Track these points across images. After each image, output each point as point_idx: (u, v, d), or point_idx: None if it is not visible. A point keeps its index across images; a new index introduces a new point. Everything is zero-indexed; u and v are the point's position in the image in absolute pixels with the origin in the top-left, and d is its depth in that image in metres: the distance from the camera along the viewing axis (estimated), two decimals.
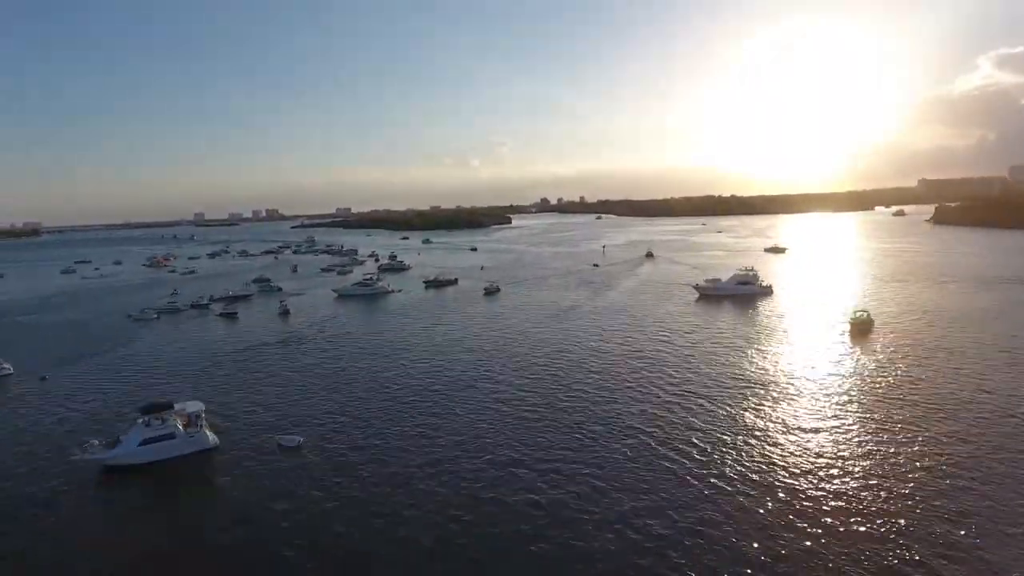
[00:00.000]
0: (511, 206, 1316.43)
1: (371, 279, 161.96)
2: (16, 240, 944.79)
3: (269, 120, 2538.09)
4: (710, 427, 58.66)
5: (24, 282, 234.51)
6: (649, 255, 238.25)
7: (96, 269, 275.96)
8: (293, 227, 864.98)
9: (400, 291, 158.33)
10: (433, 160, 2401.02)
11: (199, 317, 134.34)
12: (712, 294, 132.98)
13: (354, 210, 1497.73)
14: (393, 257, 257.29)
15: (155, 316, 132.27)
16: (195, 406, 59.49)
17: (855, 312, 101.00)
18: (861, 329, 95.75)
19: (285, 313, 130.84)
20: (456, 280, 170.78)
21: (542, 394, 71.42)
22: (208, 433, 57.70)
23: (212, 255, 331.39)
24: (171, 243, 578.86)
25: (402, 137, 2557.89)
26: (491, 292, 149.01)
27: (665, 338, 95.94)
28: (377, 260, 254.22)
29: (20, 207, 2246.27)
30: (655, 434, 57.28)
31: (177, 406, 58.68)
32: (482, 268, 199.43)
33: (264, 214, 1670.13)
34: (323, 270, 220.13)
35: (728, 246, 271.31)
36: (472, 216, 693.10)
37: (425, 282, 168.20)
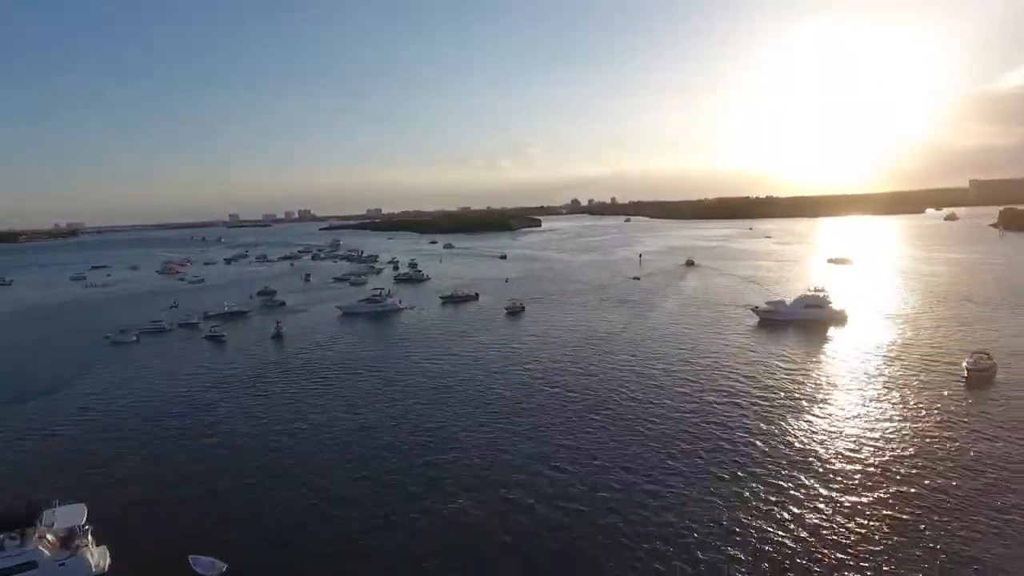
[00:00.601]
0: (541, 207, 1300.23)
1: (380, 294, 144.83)
2: (54, 241, 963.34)
3: (305, 122, 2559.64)
4: (801, 520, 39.01)
5: (27, 290, 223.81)
6: (690, 264, 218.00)
7: (108, 276, 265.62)
8: (321, 228, 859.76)
9: (412, 308, 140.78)
10: (463, 161, 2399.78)
11: (183, 340, 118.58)
12: (775, 319, 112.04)
13: (384, 211, 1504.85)
14: (413, 265, 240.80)
15: (134, 339, 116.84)
16: (73, 514, 41.86)
17: (972, 354, 79.24)
18: (981, 376, 74.27)
19: (278, 337, 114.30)
20: (476, 295, 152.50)
21: (572, 457, 53.04)
22: (90, 555, 40.07)
23: (229, 260, 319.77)
24: (197, 245, 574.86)
25: (432, 138, 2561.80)
26: (514, 311, 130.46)
27: (725, 382, 75.88)
28: (396, 268, 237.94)
29: (65, 209, 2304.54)
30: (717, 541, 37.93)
31: (47, 514, 41.27)
32: (507, 280, 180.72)
33: (296, 215, 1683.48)
34: (336, 280, 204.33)
35: (777, 254, 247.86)
36: (501, 219, 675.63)
37: (442, 298, 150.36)
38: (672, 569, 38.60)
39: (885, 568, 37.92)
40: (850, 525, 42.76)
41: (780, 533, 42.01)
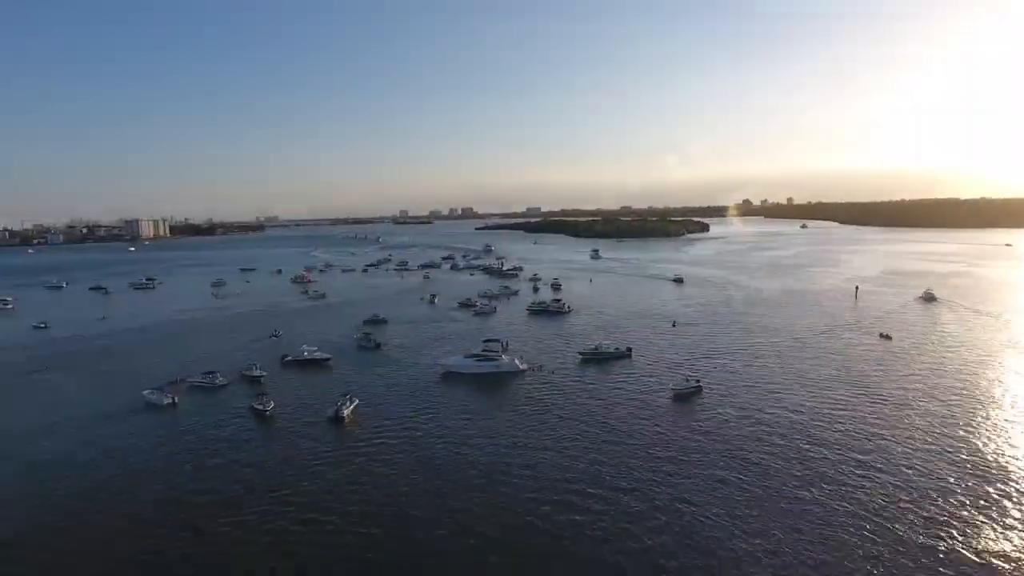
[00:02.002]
0: (708, 207, 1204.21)
1: (495, 350, 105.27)
2: (243, 235, 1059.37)
3: (472, 121, 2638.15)
4: None
5: (153, 297, 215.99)
6: (930, 298, 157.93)
7: (247, 282, 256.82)
8: (477, 228, 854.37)
9: (538, 370, 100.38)
10: (622, 159, 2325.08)
11: (226, 404, 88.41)
12: None
13: (543, 209, 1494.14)
14: (556, 287, 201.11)
15: (169, 400, 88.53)
16: None
17: None
18: None
19: (337, 419, 79.64)
20: (629, 352, 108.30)
21: None
22: None
23: (367, 268, 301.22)
24: (354, 245, 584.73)
25: (593, 136, 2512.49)
26: (685, 394, 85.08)
27: None
28: (536, 289, 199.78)
29: (262, 204, 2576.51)
30: None
31: None
32: (674, 324, 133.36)
33: (460, 212, 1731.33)
34: (462, 305, 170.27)
35: None
36: (663, 223, 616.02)
37: (582, 354, 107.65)
38: None
39: None
40: None
41: None
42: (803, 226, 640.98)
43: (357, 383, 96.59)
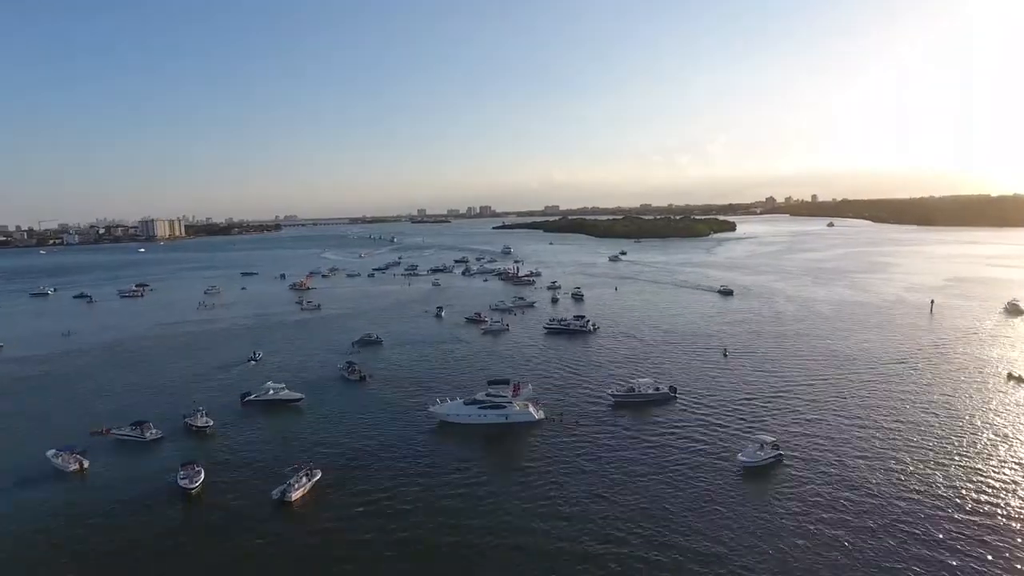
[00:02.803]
0: (729, 205, 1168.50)
1: (500, 389, 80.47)
2: (259, 234, 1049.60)
3: (492, 123, 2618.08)
4: None
5: (138, 308, 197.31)
6: (1015, 310, 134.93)
7: (243, 289, 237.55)
8: (494, 227, 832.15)
9: (558, 419, 78.21)
10: (642, 158, 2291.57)
11: (149, 470, 67.46)
12: None
13: (562, 207, 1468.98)
14: (578, 297, 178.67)
15: (76, 465, 67.89)
16: None
17: None
18: None
19: (283, 503, 58.47)
20: (674, 392, 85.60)
21: None
22: None
23: (374, 272, 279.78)
24: (367, 245, 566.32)
25: (612, 135, 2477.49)
26: (761, 465, 62.34)
27: None
28: (555, 300, 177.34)
29: (285, 204, 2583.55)
30: None
31: None
32: (725, 354, 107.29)
33: (478, 210, 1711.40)
34: (470, 320, 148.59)
35: None
36: (688, 222, 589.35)
37: (615, 396, 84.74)
38: None
39: None
40: None
41: None
42: (830, 224, 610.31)
43: (326, 438, 75.60)
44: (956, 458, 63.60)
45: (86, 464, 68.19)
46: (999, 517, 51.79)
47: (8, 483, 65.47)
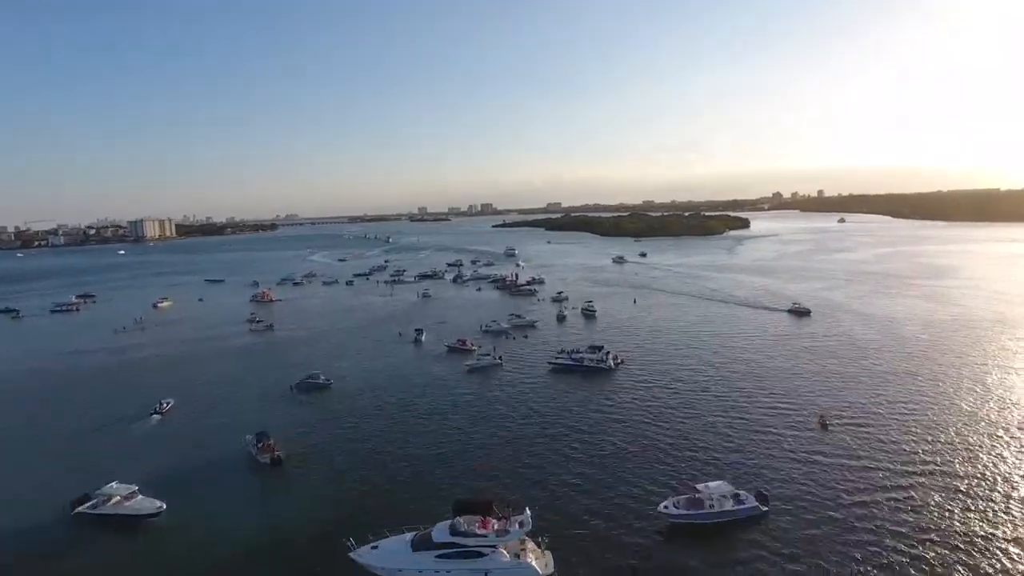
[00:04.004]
0: (734, 201, 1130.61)
1: (474, 522, 45.68)
2: (253, 234, 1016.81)
3: (494, 121, 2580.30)
4: None
5: (60, 329, 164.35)
6: None
7: (200, 300, 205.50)
8: (494, 226, 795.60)
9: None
10: (644, 156, 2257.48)
11: None
12: None
13: (564, 205, 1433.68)
14: (589, 313, 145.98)
15: None
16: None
17: None
18: None
19: None
20: (765, 503, 52.44)
21: None
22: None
23: (354, 278, 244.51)
24: (360, 245, 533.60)
25: (613, 132, 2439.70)
26: None
27: None
28: (562, 317, 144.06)
29: (286, 203, 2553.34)
30: None
31: None
32: (824, 425, 69.82)
33: (479, 208, 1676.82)
34: (452, 349, 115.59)
35: None
36: (699, 219, 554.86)
37: (673, 516, 50.53)
38: None
39: None
40: None
41: None
42: (841, 220, 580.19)
43: None
44: None
45: None
46: None
47: None
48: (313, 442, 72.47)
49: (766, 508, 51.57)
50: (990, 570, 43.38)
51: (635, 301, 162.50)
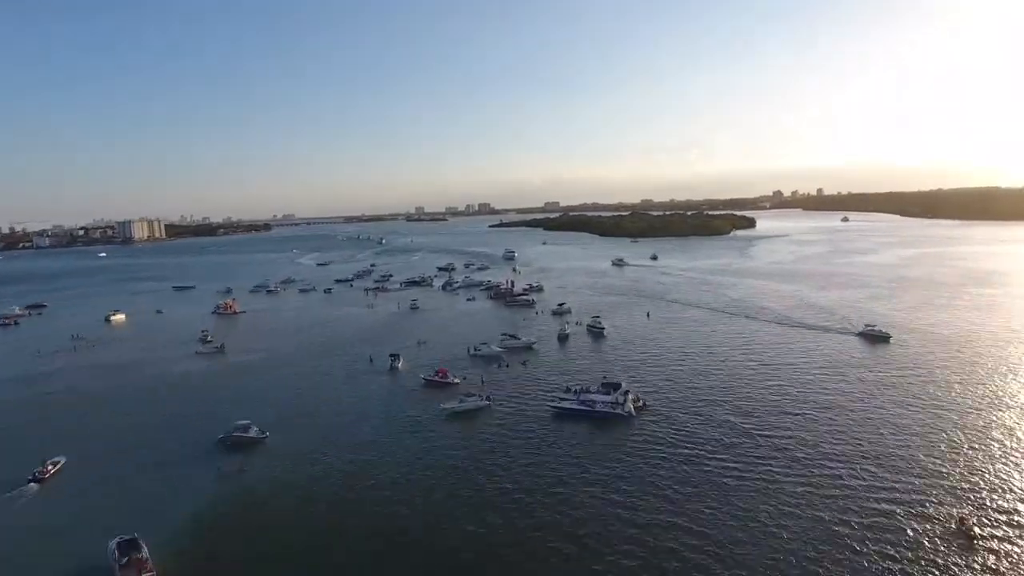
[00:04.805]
0: (733, 200, 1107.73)
1: None
2: (246, 234, 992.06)
3: (492, 121, 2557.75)
4: None
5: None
6: None
7: (159, 312, 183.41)
8: (491, 226, 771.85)
9: None
10: (643, 155, 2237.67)
11: None
12: None
13: (562, 204, 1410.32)
14: (596, 329, 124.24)
15: None
16: None
17: None
18: None
19: None
20: None
21: None
22: None
23: (331, 289, 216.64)
24: (351, 246, 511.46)
25: (612, 132, 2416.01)
26: None
27: None
28: (564, 336, 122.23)
29: (285, 203, 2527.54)
30: None
31: None
32: (962, 525, 47.42)
33: (476, 208, 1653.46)
34: (430, 382, 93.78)
35: None
36: (703, 218, 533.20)
37: None
38: None
39: None
40: None
41: None
42: (844, 219, 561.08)
43: None
44: None
45: None
46: None
47: None
48: (212, 548, 50.56)
49: None
50: None
51: (648, 315, 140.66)
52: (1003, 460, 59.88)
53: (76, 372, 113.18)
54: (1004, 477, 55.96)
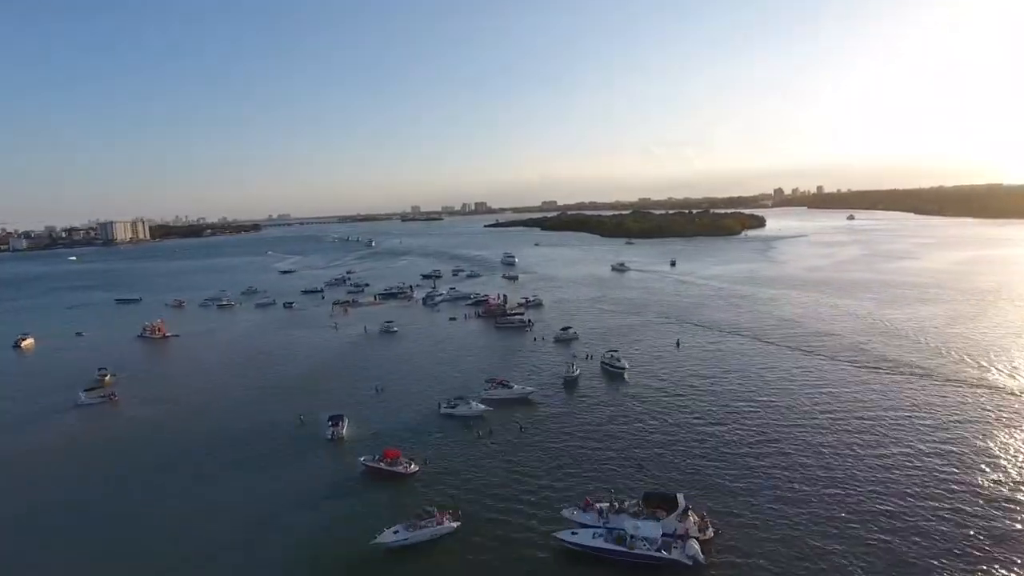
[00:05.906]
0: (733, 197, 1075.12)
1: None
2: (234, 235, 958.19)
3: (489, 120, 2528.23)
4: None
5: None
6: None
7: (79, 334, 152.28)
8: (486, 226, 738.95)
9: None
10: (640, 152, 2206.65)
11: None
12: None
13: (559, 202, 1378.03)
14: (613, 366, 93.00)
15: None
16: None
17: None
18: None
19: None
20: None
21: None
22: None
23: (292, 303, 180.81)
24: (338, 249, 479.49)
25: (609, 130, 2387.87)
26: None
27: None
28: (573, 373, 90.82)
29: (280, 204, 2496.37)
30: None
31: None
32: None
33: (473, 207, 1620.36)
34: (371, 471, 62.41)
35: None
36: (711, 217, 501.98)
37: None
38: None
39: None
40: None
41: None
42: (850, 218, 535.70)
43: None
44: None
45: None
46: None
47: None
48: None
49: None
50: None
51: (679, 344, 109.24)
52: None
53: None
54: None
